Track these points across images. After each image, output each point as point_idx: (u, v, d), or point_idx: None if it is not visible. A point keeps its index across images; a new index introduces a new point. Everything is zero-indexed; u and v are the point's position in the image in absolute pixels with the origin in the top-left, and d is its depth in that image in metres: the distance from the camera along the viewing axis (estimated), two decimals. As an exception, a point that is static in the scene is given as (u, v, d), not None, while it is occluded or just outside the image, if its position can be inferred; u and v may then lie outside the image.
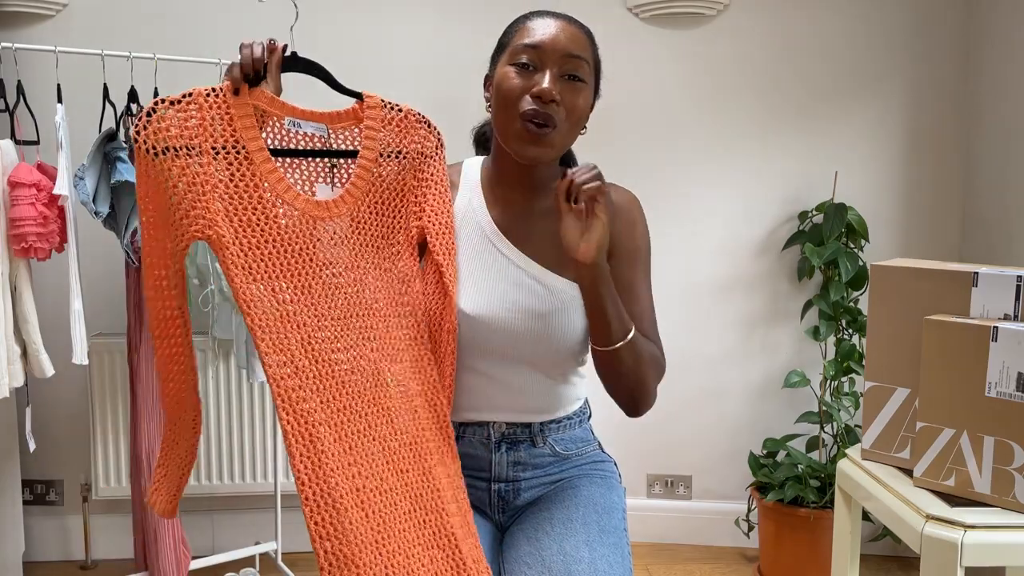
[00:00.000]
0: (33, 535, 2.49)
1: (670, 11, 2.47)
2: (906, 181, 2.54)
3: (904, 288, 1.43)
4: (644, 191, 1.46)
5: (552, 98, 1.12)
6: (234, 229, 1.04)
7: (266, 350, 1.02)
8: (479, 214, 1.24)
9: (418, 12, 2.48)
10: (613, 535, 1.19)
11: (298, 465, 1.00)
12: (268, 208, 1.07)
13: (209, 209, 1.03)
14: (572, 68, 1.15)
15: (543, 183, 1.24)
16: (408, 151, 1.20)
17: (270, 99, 1.09)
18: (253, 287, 1.04)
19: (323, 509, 0.99)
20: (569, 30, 1.16)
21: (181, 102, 1.03)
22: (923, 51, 2.49)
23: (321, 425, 1.02)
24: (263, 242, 1.06)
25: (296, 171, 1.13)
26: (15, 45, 1.91)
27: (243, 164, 1.06)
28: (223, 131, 1.05)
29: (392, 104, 1.19)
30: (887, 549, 2.57)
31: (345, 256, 1.13)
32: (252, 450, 2.42)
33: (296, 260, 1.08)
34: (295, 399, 1.02)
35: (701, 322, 2.60)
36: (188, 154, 1.02)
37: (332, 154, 1.16)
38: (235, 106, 1.06)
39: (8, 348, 1.89)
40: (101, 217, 1.95)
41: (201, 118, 1.04)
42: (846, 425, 2.37)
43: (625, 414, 1.23)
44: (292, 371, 1.03)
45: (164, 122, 1.02)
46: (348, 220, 1.14)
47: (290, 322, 1.06)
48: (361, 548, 0.99)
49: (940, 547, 1.25)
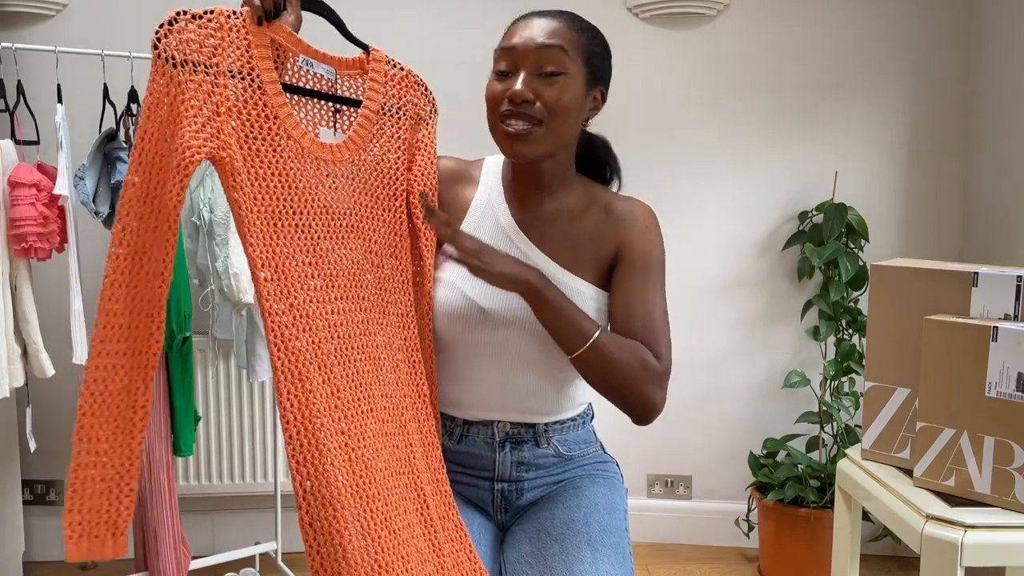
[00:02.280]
0: (33, 535, 2.49)
1: (670, 11, 2.47)
2: (906, 181, 2.54)
3: (904, 288, 1.43)
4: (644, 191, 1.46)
5: (523, 98, 1.12)
6: (243, 155, 1.02)
7: (263, 282, 1.01)
8: (498, 210, 1.24)
9: (416, 11, 2.48)
10: (615, 535, 1.19)
11: (285, 403, 0.99)
12: (276, 141, 1.05)
13: (223, 131, 0.99)
14: (545, 62, 1.13)
15: (556, 184, 1.24)
16: (406, 110, 1.21)
17: (288, 33, 1.07)
18: (257, 219, 1.02)
19: (306, 448, 0.98)
20: (542, 24, 1.15)
21: (203, 18, 1.00)
22: (923, 51, 2.49)
23: (310, 364, 1.02)
24: (270, 174, 1.04)
25: (302, 110, 1.12)
26: (15, 45, 1.91)
27: (256, 93, 1.04)
28: (240, 56, 1.02)
29: (395, 62, 1.20)
30: (887, 549, 2.57)
31: (344, 202, 1.12)
32: (252, 450, 2.42)
33: (299, 198, 1.07)
34: (287, 336, 1.01)
35: (701, 322, 2.60)
36: (206, 71, 0.99)
37: (337, 99, 1.15)
38: (254, 33, 1.03)
39: (8, 348, 1.89)
40: (101, 217, 1.95)
41: (220, 38, 1.00)
42: (846, 425, 2.37)
43: (633, 423, 1.20)
44: (287, 307, 1.02)
45: (185, 34, 0.98)
46: (349, 167, 1.13)
47: (289, 259, 1.04)
48: (341, 490, 0.99)
49: (940, 547, 1.25)
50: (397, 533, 1.04)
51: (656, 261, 1.23)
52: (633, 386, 1.14)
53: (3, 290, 1.86)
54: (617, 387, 1.15)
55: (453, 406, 1.26)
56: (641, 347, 1.16)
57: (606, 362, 1.13)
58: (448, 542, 1.11)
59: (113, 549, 1.01)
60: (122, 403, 1.01)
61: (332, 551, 0.97)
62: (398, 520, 1.05)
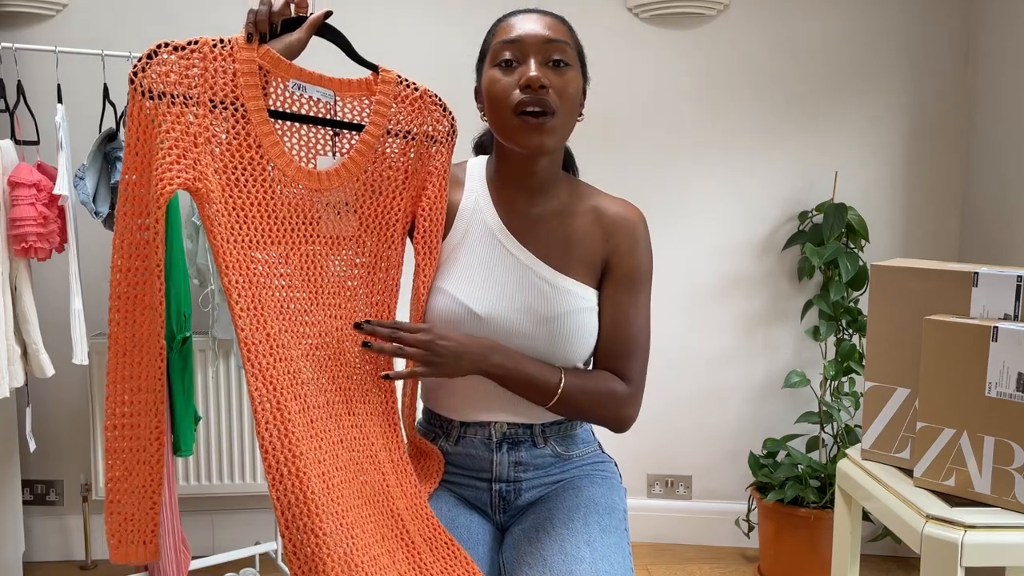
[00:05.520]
0: (33, 535, 2.49)
1: (670, 11, 2.47)
2: (906, 181, 2.54)
3: (904, 288, 1.43)
4: (644, 191, 1.47)
5: (541, 83, 1.12)
6: (221, 186, 1.01)
7: (240, 312, 1.01)
8: (486, 213, 1.24)
9: (415, 12, 2.48)
10: (614, 535, 1.19)
11: (263, 432, 0.99)
12: (258, 171, 1.04)
13: (200, 161, 0.99)
14: (555, 53, 1.14)
15: (546, 183, 1.24)
16: (417, 133, 1.18)
17: (275, 59, 1.06)
18: (233, 248, 1.02)
19: (287, 477, 0.98)
20: (545, 19, 1.17)
21: (185, 49, 1.00)
22: (923, 51, 2.49)
23: (287, 391, 1.02)
24: (249, 204, 1.04)
25: (295, 136, 1.10)
26: (15, 45, 1.91)
27: (240, 122, 1.03)
28: (224, 85, 1.02)
29: (409, 81, 1.17)
30: (887, 549, 2.57)
31: (328, 230, 1.11)
32: (252, 450, 2.42)
33: (278, 228, 1.06)
34: (264, 365, 1.01)
35: (701, 322, 2.60)
36: (184, 103, 0.99)
37: (334, 123, 1.13)
38: (240, 61, 1.03)
39: (8, 348, 1.89)
40: (101, 217, 1.95)
41: (203, 68, 1.00)
42: (846, 425, 2.37)
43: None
44: (264, 336, 1.02)
45: (165, 67, 0.98)
46: (339, 193, 1.12)
47: (266, 288, 1.04)
48: (323, 518, 0.99)
49: (940, 547, 1.25)
50: (377, 559, 1.04)
51: (644, 274, 1.24)
52: (602, 415, 1.22)
53: (3, 290, 1.86)
54: (588, 418, 1.23)
55: (449, 408, 1.26)
56: (606, 378, 1.21)
57: (576, 405, 1.20)
58: (437, 562, 1.10)
59: (144, 554, 1.07)
60: (140, 423, 1.06)
61: None
62: (377, 547, 1.05)
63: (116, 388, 1.04)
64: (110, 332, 1.03)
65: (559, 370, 1.18)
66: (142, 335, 1.03)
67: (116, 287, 1.02)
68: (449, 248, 1.23)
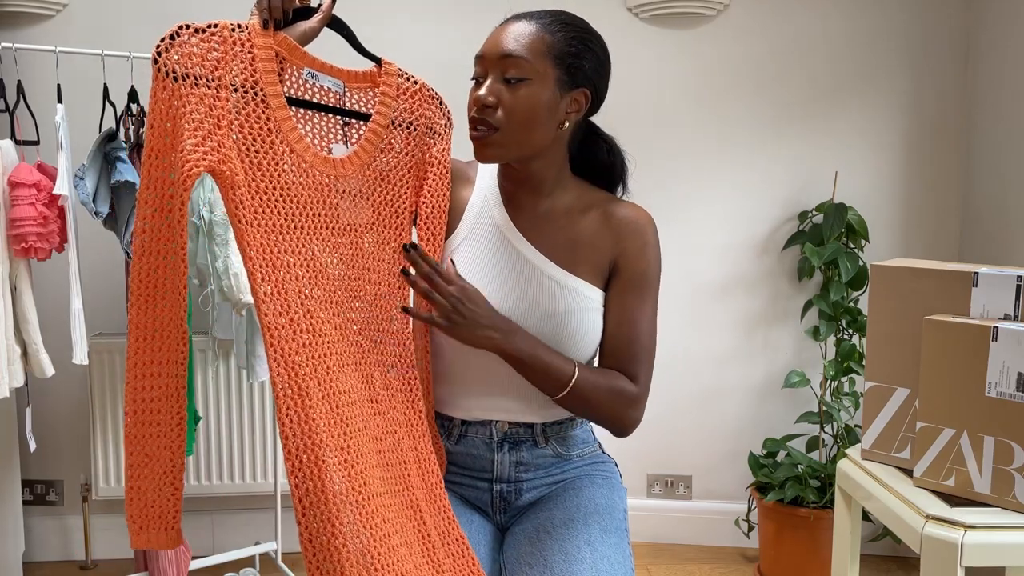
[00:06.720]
0: (33, 535, 2.49)
1: (670, 11, 2.47)
2: (906, 181, 2.54)
3: (904, 288, 1.43)
4: (643, 191, 1.46)
5: (482, 103, 1.14)
6: (243, 169, 1.01)
7: (263, 297, 1.01)
8: (494, 210, 1.25)
9: (416, 11, 2.48)
10: (614, 535, 1.19)
11: (284, 419, 0.98)
12: (279, 155, 1.05)
13: (223, 144, 0.99)
14: (510, 69, 1.14)
15: (548, 185, 1.24)
16: (419, 125, 1.20)
17: (291, 46, 1.06)
18: (257, 232, 1.02)
19: (306, 465, 0.98)
20: (513, 30, 1.16)
21: (206, 32, 1.00)
22: (923, 51, 2.49)
23: (310, 379, 1.02)
24: (271, 188, 1.04)
25: (308, 123, 1.11)
26: (15, 45, 1.91)
27: (259, 106, 1.03)
28: (243, 70, 1.02)
29: (409, 75, 1.19)
30: (887, 549, 2.57)
31: (345, 217, 1.12)
32: (252, 450, 2.42)
33: (300, 213, 1.07)
34: (288, 351, 1.01)
35: (701, 322, 2.60)
36: (208, 85, 0.99)
37: (345, 113, 1.15)
38: (259, 46, 1.03)
39: (8, 348, 1.89)
40: (101, 217, 1.95)
41: (224, 52, 1.00)
42: (846, 425, 2.37)
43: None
44: (287, 321, 1.02)
45: (187, 48, 0.98)
46: (353, 181, 1.13)
47: (288, 273, 1.04)
48: (340, 508, 0.99)
49: (940, 547, 1.25)
50: (395, 550, 1.04)
51: (652, 278, 1.24)
52: (609, 413, 1.20)
53: (3, 290, 1.86)
54: (594, 415, 1.21)
55: (451, 407, 1.26)
56: (616, 376, 1.21)
57: (585, 398, 1.18)
58: (448, 557, 1.11)
59: (167, 541, 1.07)
60: (161, 408, 1.04)
61: (331, 569, 0.97)
62: (396, 537, 1.05)
63: (136, 374, 1.02)
64: (130, 317, 1.01)
65: (573, 362, 1.18)
66: (164, 319, 1.02)
67: (137, 270, 1.00)
68: (456, 243, 1.24)
